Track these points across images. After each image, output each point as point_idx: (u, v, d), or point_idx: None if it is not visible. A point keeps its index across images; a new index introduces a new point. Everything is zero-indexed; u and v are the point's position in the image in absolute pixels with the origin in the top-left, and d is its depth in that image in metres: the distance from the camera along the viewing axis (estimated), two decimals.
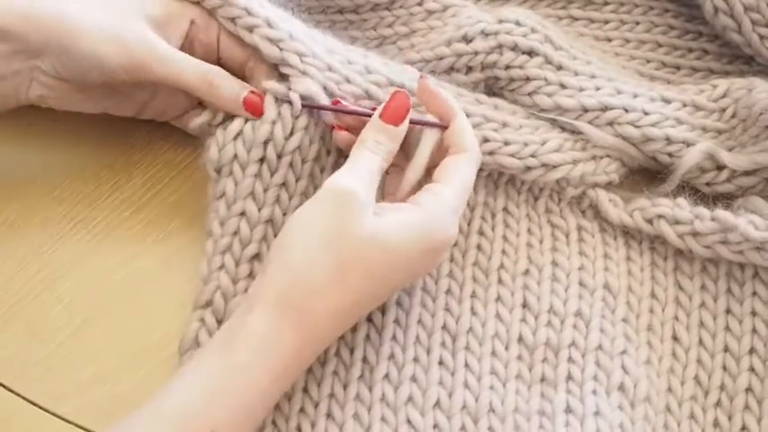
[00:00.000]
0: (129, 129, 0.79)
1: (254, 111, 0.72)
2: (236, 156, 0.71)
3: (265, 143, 0.71)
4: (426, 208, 0.67)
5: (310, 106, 0.72)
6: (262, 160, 0.72)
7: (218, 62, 0.75)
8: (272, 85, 0.73)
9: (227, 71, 0.74)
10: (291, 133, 0.72)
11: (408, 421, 0.68)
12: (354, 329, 0.71)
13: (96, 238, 0.76)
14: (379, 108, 0.70)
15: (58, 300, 0.73)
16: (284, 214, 0.72)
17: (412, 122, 0.70)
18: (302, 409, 0.69)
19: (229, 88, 0.73)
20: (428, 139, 0.71)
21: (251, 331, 0.63)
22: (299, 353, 0.64)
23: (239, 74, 0.75)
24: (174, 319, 0.71)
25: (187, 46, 0.74)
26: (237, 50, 0.75)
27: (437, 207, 0.67)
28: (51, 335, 0.72)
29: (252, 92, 0.73)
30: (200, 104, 0.77)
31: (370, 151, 0.68)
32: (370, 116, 0.70)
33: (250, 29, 0.74)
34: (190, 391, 0.62)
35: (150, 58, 0.71)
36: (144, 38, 0.71)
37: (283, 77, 0.73)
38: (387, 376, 0.70)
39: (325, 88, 0.73)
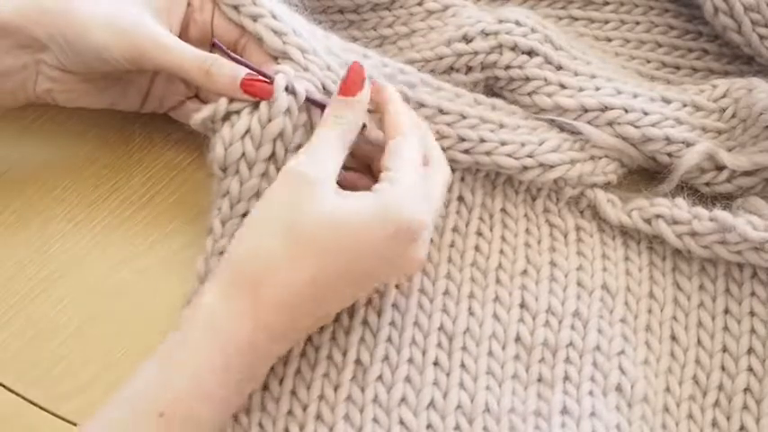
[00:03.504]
0: (130, 129, 0.80)
1: (253, 93, 0.71)
2: (243, 154, 0.71)
3: (275, 140, 0.71)
4: (383, 192, 0.66)
5: (312, 101, 0.72)
6: (269, 158, 0.71)
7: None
8: (285, 68, 0.72)
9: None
10: (295, 128, 0.72)
11: (401, 422, 0.68)
12: (348, 332, 0.71)
13: (96, 238, 0.76)
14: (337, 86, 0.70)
15: (58, 300, 0.73)
16: None
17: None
18: (290, 412, 0.68)
19: (225, 76, 0.71)
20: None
21: (200, 307, 0.63)
22: (251, 333, 0.63)
23: (232, 50, 0.74)
24: (174, 319, 0.71)
25: (183, 26, 0.75)
26: (231, 28, 0.75)
27: (394, 190, 0.66)
28: (51, 335, 0.72)
29: (246, 76, 0.71)
30: (198, 97, 0.78)
31: (328, 127, 0.68)
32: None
33: (254, 18, 0.74)
34: (142, 372, 0.62)
35: (150, 46, 0.71)
36: (143, 26, 0.71)
37: None
38: (380, 377, 0.69)
39: (324, 87, 0.73)
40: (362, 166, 0.73)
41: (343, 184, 0.67)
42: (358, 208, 0.65)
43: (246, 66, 0.71)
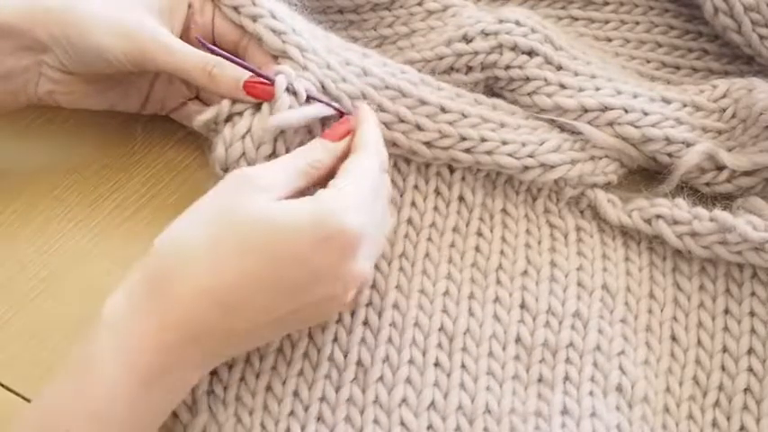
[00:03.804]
0: (129, 129, 0.80)
1: (255, 95, 0.71)
2: (244, 153, 0.71)
3: (275, 139, 0.71)
4: (322, 197, 0.64)
5: (315, 98, 0.72)
6: (270, 157, 0.71)
7: (213, 42, 0.75)
8: (286, 69, 0.72)
9: (222, 49, 0.73)
10: (296, 127, 0.72)
11: (402, 423, 0.68)
12: (350, 333, 0.71)
13: (96, 238, 0.76)
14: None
15: (58, 300, 0.73)
16: None
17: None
18: (292, 412, 0.68)
19: (228, 77, 0.71)
20: (316, 108, 0.71)
21: (106, 309, 0.60)
22: (158, 336, 0.59)
23: (233, 52, 0.74)
24: None
25: (184, 28, 0.75)
26: (231, 30, 0.75)
27: (333, 196, 0.64)
28: (51, 335, 0.72)
29: (249, 78, 0.71)
30: (198, 98, 0.78)
31: (294, 157, 0.67)
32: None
33: (254, 18, 0.74)
34: (54, 383, 0.59)
35: (153, 47, 0.71)
36: (146, 28, 0.72)
37: None
38: (381, 378, 0.69)
39: (323, 85, 0.74)
40: None
41: None
42: (292, 210, 0.62)
43: (245, 67, 0.71)
